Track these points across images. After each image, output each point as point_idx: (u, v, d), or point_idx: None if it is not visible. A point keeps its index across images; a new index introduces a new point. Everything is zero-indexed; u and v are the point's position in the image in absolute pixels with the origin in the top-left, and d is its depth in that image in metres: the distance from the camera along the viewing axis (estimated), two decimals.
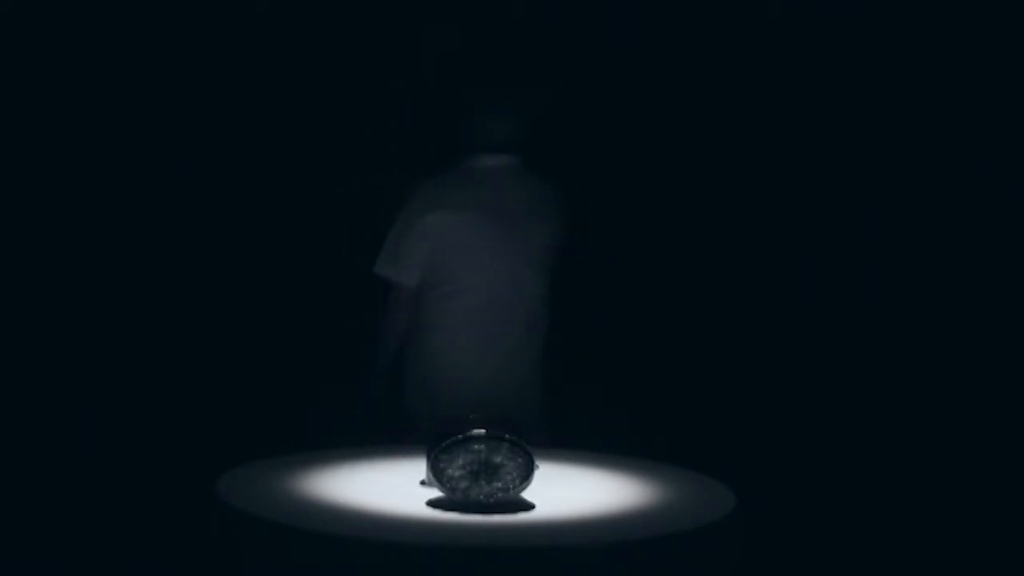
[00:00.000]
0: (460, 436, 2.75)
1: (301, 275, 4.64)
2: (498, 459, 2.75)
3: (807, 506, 4.38)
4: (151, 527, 4.21)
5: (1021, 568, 4.25)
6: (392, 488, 2.88)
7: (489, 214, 3.80)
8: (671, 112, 4.74)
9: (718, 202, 4.75)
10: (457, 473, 2.73)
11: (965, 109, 4.53)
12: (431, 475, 2.75)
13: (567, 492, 2.91)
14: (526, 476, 2.75)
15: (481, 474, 2.74)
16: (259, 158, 4.70)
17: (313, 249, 4.62)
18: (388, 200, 3.91)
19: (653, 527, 2.68)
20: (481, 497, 2.72)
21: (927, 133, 4.57)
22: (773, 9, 4.63)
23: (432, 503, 2.76)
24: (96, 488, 4.37)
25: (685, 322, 4.75)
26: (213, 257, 4.68)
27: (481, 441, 2.76)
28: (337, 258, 4.50)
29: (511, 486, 2.74)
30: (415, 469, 2.93)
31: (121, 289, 4.62)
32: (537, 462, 2.77)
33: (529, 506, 2.76)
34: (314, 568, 2.51)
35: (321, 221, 4.62)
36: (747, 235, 4.74)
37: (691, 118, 4.74)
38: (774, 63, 4.68)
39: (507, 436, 2.77)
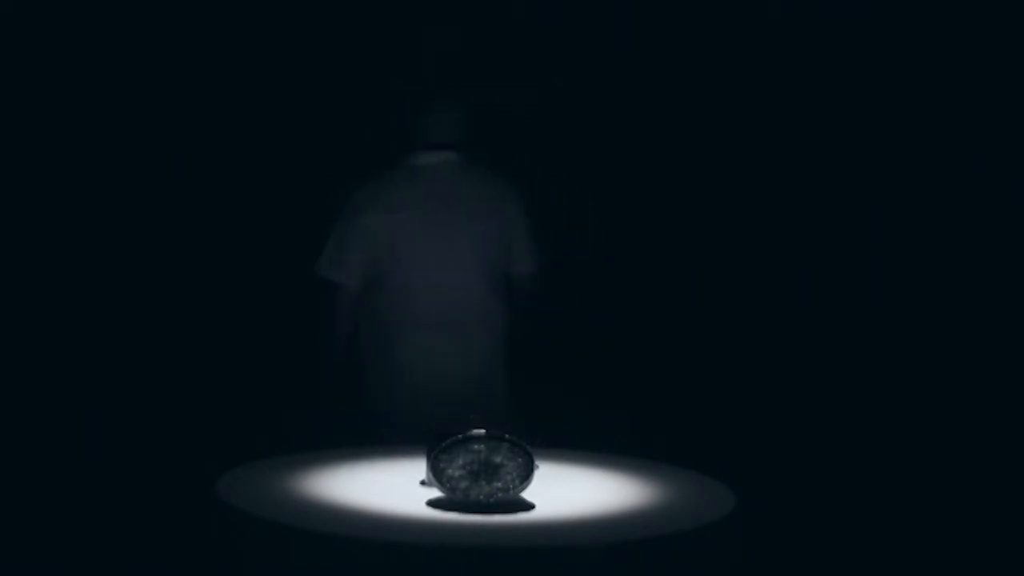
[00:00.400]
0: (460, 436, 2.75)
1: (301, 275, 4.64)
2: (498, 459, 2.75)
3: (807, 506, 4.38)
4: (151, 527, 4.21)
5: (1021, 568, 4.25)
6: (392, 488, 2.88)
7: (430, 212, 3.83)
8: (669, 113, 4.75)
9: (718, 202, 4.75)
10: (457, 473, 2.73)
11: (965, 109, 4.53)
12: (431, 475, 2.75)
13: (567, 492, 2.91)
14: (526, 476, 2.75)
15: (481, 474, 2.73)
16: (260, 159, 4.71)
17: (313, 249, 4.62)
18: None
19: (653, 527, 2.68)
20: (481, 497, 2.72)
21: (927, 133, 4.57)
22: (772, 9, 4.64)
23: (432, 503, 2.76)
24: (96, 488, 4.37)
25: (685, 322, 4.75)
26: (214, 258, 4.68)
27: (481, 441, 2.75)
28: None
29: (511, 486, 2.74)
30: (415, 469, 2.93)
31: (121, 290, 4.62)
32: (537, 462, 2.77)
33: (529, 506, 2.76)
34: (314, 568, 2.51)
35: (322, 221, 4.62)
36: (747, 235, 4.74)
37: (687, 118, 4.74)
38: (771, 63, 4.68)
39: (507, 436, 2.77)
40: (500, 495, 2.73)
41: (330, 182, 4.44)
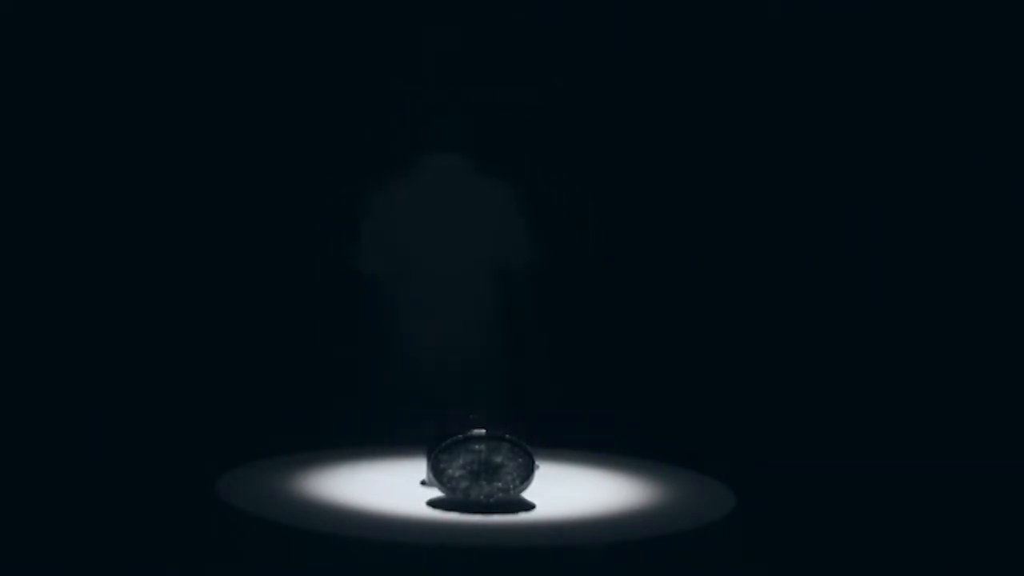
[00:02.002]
0: (460, 436, 2.75)
1: (302, 275, 4.65)
2: (498, 459, 2.75)
3: (807, 506, 4.38)
4: (151, 527, 4.21)
5: (1021, 568, 4.25)
6: (392, 488, 2.88)
7: (439, 210, 4.02)
8: (668, 111, 4.75)
9: (719, 202, 4.75)
10: (457, 473, 2.73)
11: (965, 109, 4.53)
12: (431, 475, 2.75)
13: (567, 492, 2.91)
14: (526, 476, 2.75)
15: (481, 474, 2.74)
16: (261, 159, 4.71)
17: (314, 250, 4.63)
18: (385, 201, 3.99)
19: (653, 527, 2.68)
20: (481, 497, 2.72)
21: (927, 133, 4.57)
22: (772, 9, 4.64)
23: (432, 503, 2.76)
24: (96, 488, 4.37)
25: (685, 322, 4.75)
26: (214, 258, 4.69)
27: (481, 441, 2.76)
28: (338, 259, 4.51)
29: (511, 486, 2.74)
30: (415, 469, 2.94)
31: (121, 290, 4.62)
32: (537, 462, 2.78)
33: (529, 506, 2.76)
34: (314, 568, 2.51)
35: (323, 222, 4.62)
36: (748, 235, 4.74)
37: (687, 118, 4.74)
38: (770, 63, 4.68)
39: (507, 436, 2.77)
40: (500, 495, 2.73)
41: (333, 184, 4.47)
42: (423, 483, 2.86)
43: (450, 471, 2.74)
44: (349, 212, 4.11)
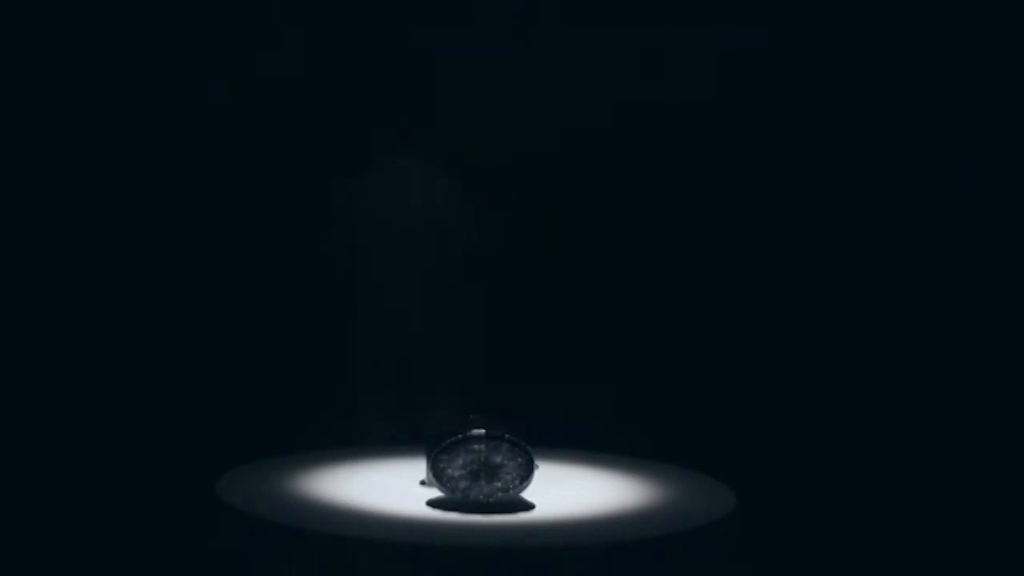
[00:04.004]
0: (460, 436, 2.76)
1: (301, 275, 4.64)
2: (498, 459, 2.75)
3: (807, 506, 4.38)
4: (151, 527, 4.20)
5: (1021, 568, 4.25)
6: (392, 488, 2.88)
7: (406, 204, 4.28)
8: (665, 108, 4.74)
9: (720, 200, 4.75)
10: (457, 473, 2.74)
11: (964, 110, 4.52)
12: (431, 475, 2.76)
13: (567, 492, 2.91)
14: (526, 476, 2.76)
15: (481, 474, 2.74)
16: (259, 157, 4.70)
17: (313, 250, 4.63)
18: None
19: (653, 527, 2.68)
20: (481, 497, 2.72)
21: (925, 134, 4.57)
22: (768, 8, 4.64)
23: (432, 503, 2.76)
24: (96, 488, 4.37)
25: (685, 321, 4.74)
26: (213, 257, 4.68)
27: (481, 441, 2.76)
28: (338, 259, 4.51)
29: (511, 486, 2.74)
30: (415, 469, 2.94)
31: (120, 289, 4.62)
32: (537, 462, 2.78)
33: (529, 506, 2.76)
34: (314, 568, 2.51)
35: (324, 222, 4.63)
36: (749, 234, 4.73)
37: (684, 113, 4.74)
38: (768, 62, 4.68)
39: (507, 436, 2.77)
40: (500, 495, 2.73)
41: (319, 185, 4.50)
42: (423, 483, 2.86)
43: (450, 471, 2.74)
44: (322, 209, 4.22)
